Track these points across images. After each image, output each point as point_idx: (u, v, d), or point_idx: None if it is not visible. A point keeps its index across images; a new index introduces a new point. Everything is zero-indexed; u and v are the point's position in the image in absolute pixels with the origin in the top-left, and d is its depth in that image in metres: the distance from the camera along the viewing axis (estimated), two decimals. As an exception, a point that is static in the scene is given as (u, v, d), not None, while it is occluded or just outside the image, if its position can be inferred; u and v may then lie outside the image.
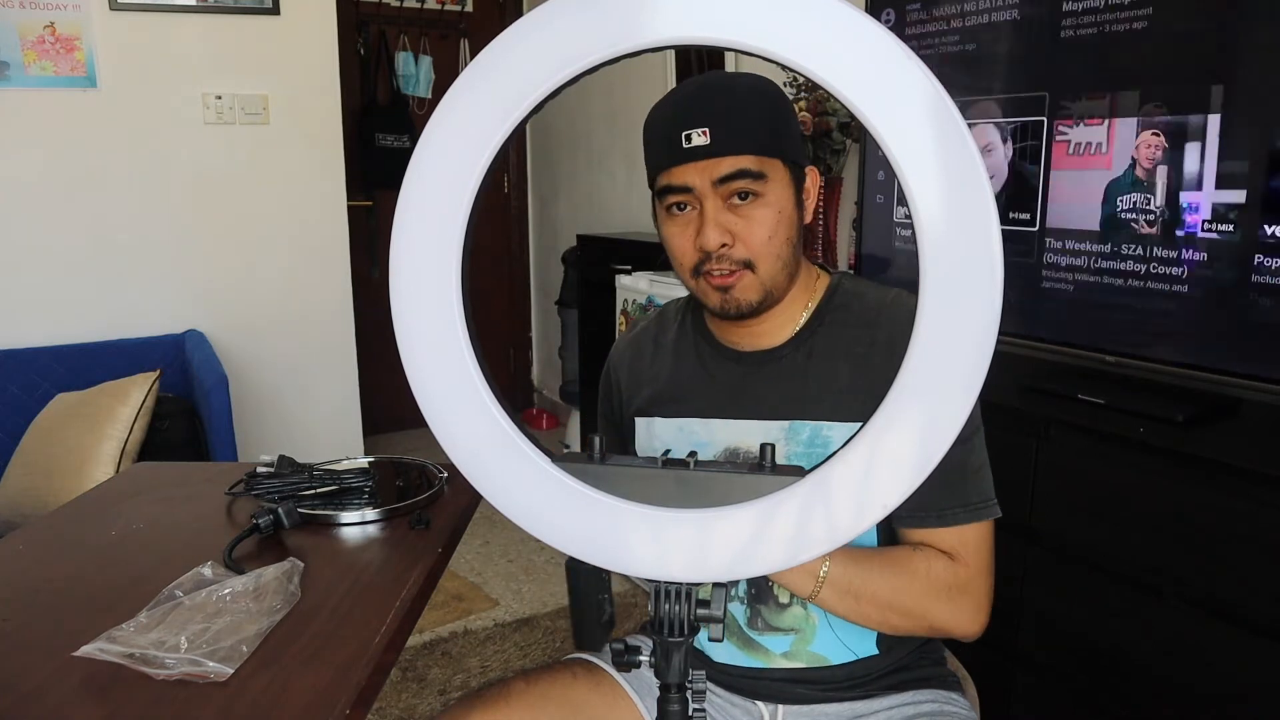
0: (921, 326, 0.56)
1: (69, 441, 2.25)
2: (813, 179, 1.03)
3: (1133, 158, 1.52)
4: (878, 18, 1.44)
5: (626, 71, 3.38)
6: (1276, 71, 1.34)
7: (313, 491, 1.24)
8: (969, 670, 1.19)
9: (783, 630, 1.07)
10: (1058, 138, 1.65)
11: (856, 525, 0.59)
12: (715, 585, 0.65)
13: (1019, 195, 1.72)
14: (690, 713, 0.67)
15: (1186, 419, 1.47)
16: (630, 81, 3.54)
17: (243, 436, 2.63)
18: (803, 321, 1.05)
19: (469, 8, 4.25)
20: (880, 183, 2.05)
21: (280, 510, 1.15)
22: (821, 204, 2.40)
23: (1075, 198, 1.63)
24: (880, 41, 0.53)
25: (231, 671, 0.83)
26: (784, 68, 0.55)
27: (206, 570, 1.01)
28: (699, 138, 0.93)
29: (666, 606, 0.65)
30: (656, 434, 1.11)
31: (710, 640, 0.65)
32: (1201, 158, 1.43)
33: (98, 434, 2.23)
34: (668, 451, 0.91)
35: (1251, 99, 1.38)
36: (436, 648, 2.42)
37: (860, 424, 0.59)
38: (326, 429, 3.21)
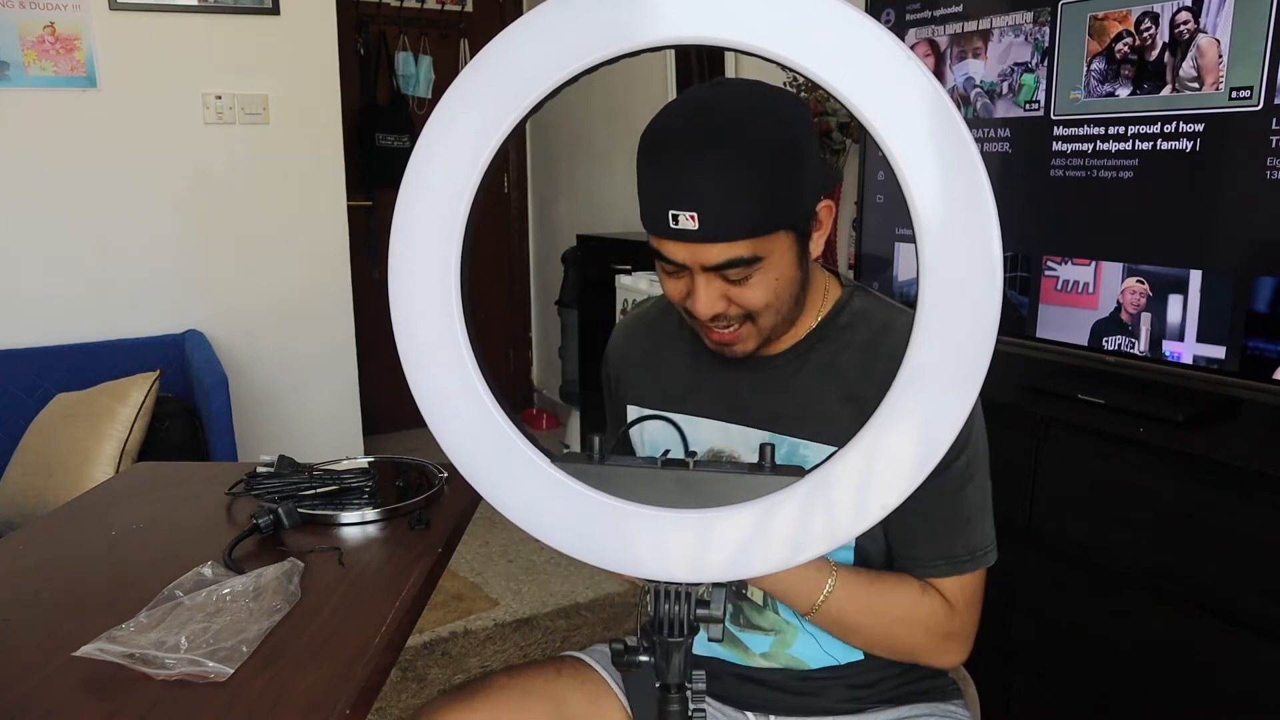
0: (921, 326, 0.56)
1: (69, 441, 2.25)
2: (826, 213, 0.93)
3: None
4: (878, 18, 1.45)
5: (626, 71, 3.38)
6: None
7: (313, 491, 1.24)
8: (968, 670, 1.19)
9: (763, 630, 1.06)
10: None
11: (856, 525, 0.59)
12: (715, 585, 0.65)
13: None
14: (690, 713, 0.67)
15: (1186, 419, 1.47)
16: (630, 81, 3.54)
17: (243, 436, 2.63)
18: (803, 334, 1.02)
19: (469, 8, 4.26)
20: (880, 183, 2.05)
21: (280, 510, 1.16)
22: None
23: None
24: (880, 42, 0.53)
25: (231, 671, 0.83)
26: (784, 68, 0.55)
27: (206, 570, 1.01)
28: (686, 221, 0.82)
29: (666, 606, 0.65)
30: (644, 426, 1.11)
31: (710, 640, 0.65)
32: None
33: (98, 434, 2.23)
34: (667, 452, 0.91)
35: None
36: (436, 648, 2.42)
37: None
38: (326, 429, 3.21)
